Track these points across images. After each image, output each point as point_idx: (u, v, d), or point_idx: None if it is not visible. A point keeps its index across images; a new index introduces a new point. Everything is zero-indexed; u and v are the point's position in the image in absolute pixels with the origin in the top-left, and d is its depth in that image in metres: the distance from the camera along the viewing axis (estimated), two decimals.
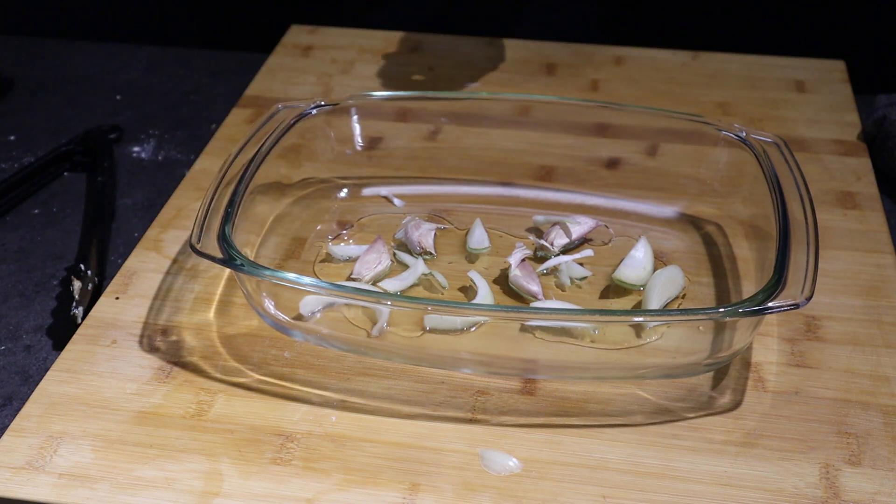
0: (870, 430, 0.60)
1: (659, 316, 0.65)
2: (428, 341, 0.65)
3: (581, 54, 1.03)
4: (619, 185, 0.80)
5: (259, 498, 0.57)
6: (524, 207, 0.79)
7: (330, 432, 0.61)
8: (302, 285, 0.60)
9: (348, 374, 0.64)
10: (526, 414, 0.62)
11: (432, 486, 0.57)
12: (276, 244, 0.75)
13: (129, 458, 0.59)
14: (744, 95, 0.95)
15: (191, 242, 0.63)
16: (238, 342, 0.67)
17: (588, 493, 0.57)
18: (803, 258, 0.60)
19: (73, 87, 1.03)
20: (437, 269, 0.72)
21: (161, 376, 0.65)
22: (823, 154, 0.86)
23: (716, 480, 0.57)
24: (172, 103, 0.99)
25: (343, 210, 0.79)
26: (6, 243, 0.80)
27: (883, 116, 0.85)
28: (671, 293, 0.68)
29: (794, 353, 0.66)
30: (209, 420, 0.61)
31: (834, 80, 0.97)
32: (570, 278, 0.71)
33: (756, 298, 0.57)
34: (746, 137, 0.73)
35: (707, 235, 0.75)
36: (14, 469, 0.58)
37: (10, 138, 0.94)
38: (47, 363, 0.67)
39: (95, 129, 0.92)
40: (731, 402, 0.62)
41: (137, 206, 0.84)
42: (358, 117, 0.81)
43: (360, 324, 0.66)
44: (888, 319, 0.68)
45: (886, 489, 0.57)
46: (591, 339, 0.64)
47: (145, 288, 0.72)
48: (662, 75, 0.98)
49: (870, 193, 0.81)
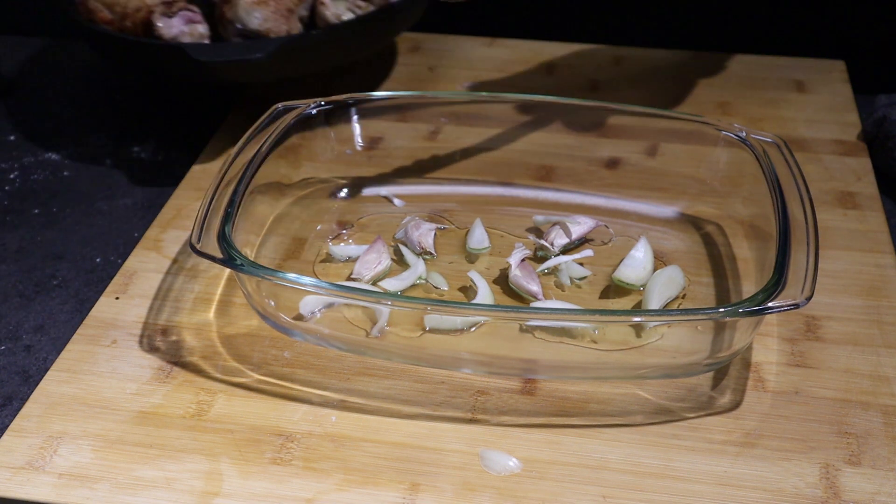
0: (870, 430, 0.60)
1: (659, 316, 0.65)
2: (428, 341, 0.65)
3: (581, 54, 1.03)
4: (619, 185, 0.80)
5: (259, 498, 0.57)
6: (524, 207, 0.79)
7: (330, 432, 0.61)
8: (302, 285, 0.60)
9: (348, 374, 0.64)
10: (526, 414, 0.62)
11: (432, 486, 0.57)
12: (276, 244, 0.75)
13: (129, 458, 0.59)
14: (744, 95, 0.95)
15: (191, 242, 0.63)
16: (238, 342, 0.67)
17: (588, 493, 0.57)
18: (803, 258, 0.60)
19: (73, 87, 1.03)
20: (437, 270, 0.72)
21: (161, 376, 0.65)
22: (823, 154, 0.86)
23: (716, 480, 0.57)
24: (172, 103, 0.99)
25: (343, 210, 0.79)
26: (6, 243, 0.80)
27: (883, 116, 0.85)
28: (671, 293, 0.68)
29: (794, 353, 0.66)
30: (209, 420, 0.61)
31: (834, 80, 0.97)
32: (570, 278, 0.71)
33: (756, 298, 0.57)
34: (746, 137, 0.73)
35: (707, 235, 0.75)
36: (14, 469, 0.58)
37: (10, 138, 0.94)
38: (47, 363, 0.67)
39: None
40: (731, 402, 0.62)
41: (137, 206, 0.84)
42: (358, 117, 0.81)
43: (360, 324, 0.66)
44: (888, 319, 0.68)
45: (886, 489, 0.57)
46: (591, 340, 0.64)
47: (145, 288, 0.72)
48: (662, 75, 0.98)
49: (870, 193, 0.81)
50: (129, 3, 0.85)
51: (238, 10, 0.84)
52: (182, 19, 0.85)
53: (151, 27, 0.83)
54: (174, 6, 0.84)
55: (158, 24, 0.83)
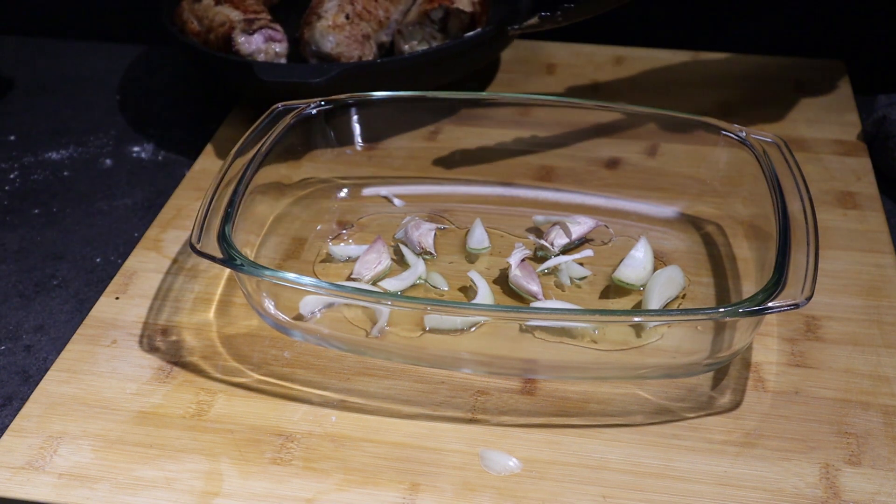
0: (870, 430, 0.60)
1: (659, 316, 0.65)
2: (428, 341, 0.65)
3: (581, 54, 1.03)
4: (619, 185, 0.80)
5: (259, 498, 0.57)
6: (524, 207, 0.79)
7: (330, 432, 0.61)
8: (302, 285, 0.60)
9: (348, 374, 0.64)
10: (526, 414, 0.62)
11: (432, 486, 0.57)
12: (276, 244, 0.75)
13: (129, 458, 0.59)
14: (744, 95, 0.95)
15: (191, 242, 0.63)
16: (238, 342, 0.67)
17: (588, 493, 0.57)
18: (803, 258, 0.60)
19: (73, 87, 1.03)
20: (437, 270, 0.72)
21: (161, 376, 0.65)
22: (823, 154, 0.86)
23: (716, 480, 0.57)
24: (172, 103, 0.99)
25: (343, 210, 0.79)
26: (6, 243, 0.80)
27: (883, 116, 0.85)
28: (671, 293, 0.68)
29: (794, 353, 0.66)
30: (209, 420, 0.61)
31: (834, 80, 0.97)
32: (570, 278, 0.71)
33: (756, 298, 0.57)
34: (746, 137, 0.73)
35: (707, 235, 0.75)
36: (14, 469, 0.58)
37: (10, 138, 0.94)
38: (47, 363, 0.67)
39: None
40: (731, 402, 0.62)
41: (137, 206, 0.84)
42: (358, 117, 0.81)
43: (360, 324, 0.66)
44: (888, 319, 0.68)
45: (886, 489, 0.57)
46: (591, 339, 0.64)
47: (145, 288, 0.72)
48: (662, 75, 0.98)
49: (870, 193, 0.81)
50: (216, 18, 0.89)
51: (314, 32, 0.88)
52: (262, 37, 0.87)
53: (231, 42, 0.87)
54: (255, 24, 0.87)
55: (238, 39, 0.86)
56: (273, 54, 0.88)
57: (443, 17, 0.87)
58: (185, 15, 0.92)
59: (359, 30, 0.87)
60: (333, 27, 0.87)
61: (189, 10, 0.92)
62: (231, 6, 0.90)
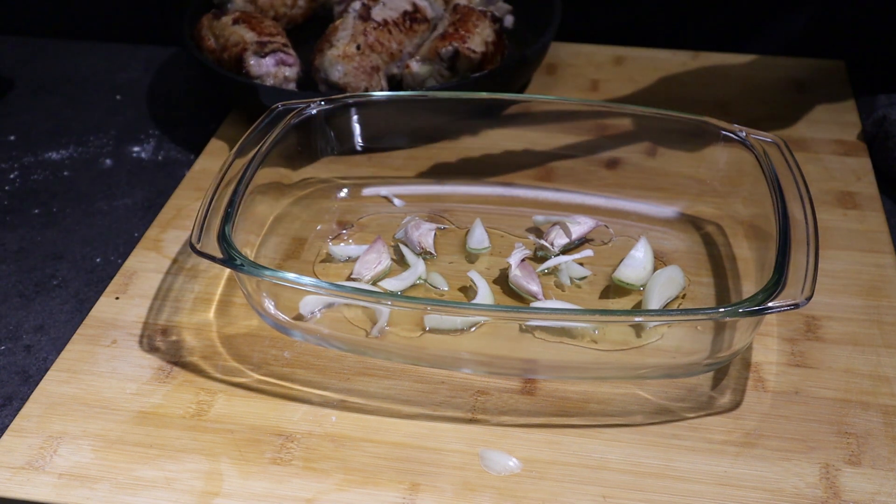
0: (870, 430, 0.60)
1: (659, 316, 0.65)
2: (428, 341, 0.65)
3: (581, 54, 1.03)
4: (619, 185, 0.80)
5: (259, 498, 0.57)
6: (524, 207, 0.79)
7: (330, 432, 0.61)
8: (302, 285, 0.60)
9: (348, 374, 0.64)
10: (526, 414, 0.62)
11: (432, 486, 0.57)
12: (276, 244, 0.75)
13: (129, 458, 0.59)
14: (744, 95, 0.95)
15: (191, 242, 0.63)
16: (238, 342, 0.67)
17: (588, 493, 0.57)
18: (803, 258, 0.60)
19: (73, 87, 1.03)
20: (437, 270, 0.72)
21: (161, 376, 0.65)
22: (823, 154, 0.86)
23: (716, 480, 0.57)
24: (172, 103, 0.99)
25: (343, 210, 0.79)
26: (6, 243, 0.80)
27: (883, 116, 0.85)
28: (671, 293, 0.68)
29: (794, 353, 0.66)
30: (209, 420, 0.61)
31: (834, 80, 0.97)
32: (570, 278, 0.71)
33: (756, 298, 0.57)
34: (746, 137, 0.73)
35: (707, 235, 0.75)
36: (14, 469, 0.58)
37: (10, 138, 0.94)
38: (47, 363, 0.67)
39: None
40: (731, 402, 0.62)
41: (137, 206, 0.84)
42: (358, 117, 0.81)
43: (360, 324, 0.66)
44: (888, 319, 0.68)
45: (886, 489, 0.57)
46: (591, 340, 0.64)
47: (145, 288, 0.72)
48: (662, 75, 0.98)
49: (870, 193, 0.81)
50: (231, 37, 0.90)
51: (324, 60, 0.88)
52: (273, 60, 0.88)
53: (242, 63, 0.88)
54: (267, 46, 0.88)
55: (249, 61, 0.87)
56: (283, 78, 0.89)
57: (452, 55, 0.87)
58: (203, 31, 0.93)
59: (368, 61, 0.88)
60: (343, 57, 0.87)
61: (208, 26, 0.93)
62: (248, 27, 0.91)
